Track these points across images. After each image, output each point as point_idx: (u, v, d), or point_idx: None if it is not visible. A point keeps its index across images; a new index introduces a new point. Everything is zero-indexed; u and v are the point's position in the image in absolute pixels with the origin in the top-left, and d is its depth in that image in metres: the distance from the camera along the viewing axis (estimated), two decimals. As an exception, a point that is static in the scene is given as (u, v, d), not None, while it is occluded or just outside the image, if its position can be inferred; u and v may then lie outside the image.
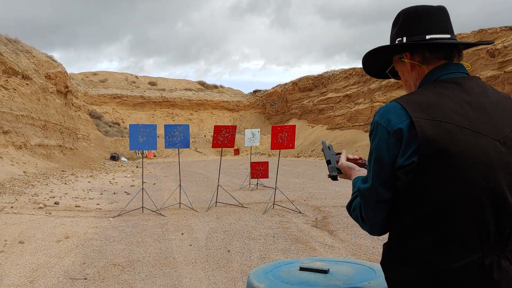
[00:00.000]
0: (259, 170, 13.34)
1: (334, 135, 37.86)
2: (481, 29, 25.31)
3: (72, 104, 35.29)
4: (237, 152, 29.61)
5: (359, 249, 6.57)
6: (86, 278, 5.40)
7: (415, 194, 1.43)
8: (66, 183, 16.06)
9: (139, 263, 6.02)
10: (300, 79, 49.97)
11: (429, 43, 1.57)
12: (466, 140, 1.40)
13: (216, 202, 10.91)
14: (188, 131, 10.68)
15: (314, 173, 20.53)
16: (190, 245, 6.99)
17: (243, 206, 10.56)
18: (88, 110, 45.66)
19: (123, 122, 51.00)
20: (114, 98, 53.05)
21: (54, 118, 27.22)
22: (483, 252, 1.41)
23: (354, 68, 41.07)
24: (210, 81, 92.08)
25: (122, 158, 37.18)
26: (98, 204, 11.49)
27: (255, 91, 60.18)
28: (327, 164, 1.88)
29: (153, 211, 9.92)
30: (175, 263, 6.02)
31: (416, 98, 1.50)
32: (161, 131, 14.07)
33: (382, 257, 1.59)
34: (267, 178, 13.76)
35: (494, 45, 22.11)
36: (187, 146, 10.79)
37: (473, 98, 1.49)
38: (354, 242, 6.99)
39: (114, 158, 35.98)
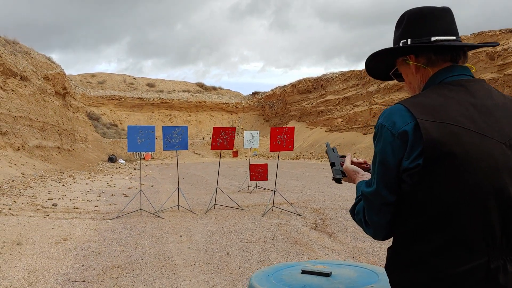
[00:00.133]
0: (258, 172, 13.32)
1: (333, 137, 37.87)
2: (481, 31, 25.36)
3: (70, 105, 35.25)
4: (235, 154, 29.56)
5: (359, 251, 6.55)
6: (84, 281, 5.37)
7: (420, 197, 1.41)
8: (64, 185, 16.02)
9: (138, 266, 5.98)
10: (299, 81, 50.02)
11: (434, 45, 1.56)
12: (471, 142, 1.39)
13: (214, 204, 10.87)
14: (186, 133, 10.66)
15: (313, 175, 20.51)
16: (189, 247, 6.96)
17: (242, 209, 10.53)
18: (86, 112, 45.64)
19: (121, 124, 50.95)
20: (112, 99, 53.02)
21: (52, 119, 27.17)
22: (489, 256, 1.40)
23: (353, 70, 41.10)
24: (209, 82, 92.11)
25: (120, 160, 37.14)
26: (96, 206, 11.45)
27: (254, 93, 60.21)
28: (331, 166, 1.85)
29: (151, 213, 9.89)
30: (174, 266, 5.99)
31: (421, 100, 1.48)
32: (158, 133, 14.00)
33: (387, 261, 1.57)
34: (266, 180, 13.73)
35: (493, 47, 22.16)
36: (186, 148, 10.77)
37: (478, 100, 1.48)
38: (354, 244, 6.96)
39: (112, 160, 35.95)
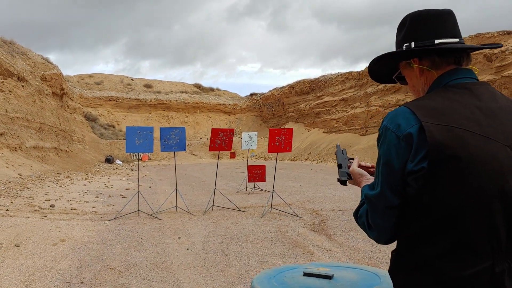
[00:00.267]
0: (256, 174, 13.30)
1: (330, 139, 37.88)
2: (478, 33, 25.41)
3: (67, 106, 35.19)
4: (233, 155, 29.57)
5: (357, 253, 6.55)
6: (83, 282, 5.35)
7: (425, 200, 1.41)
8: (61, 186, 15.97)
9: (136, 267, 5.97)
10: (296, 83, 50.01)
11: (438, 48, 1.55)
12: (476, 145, 1.39)
13: (213, 205, 10.86)
14: (184, 134, 10.64)
15: (311, 176, 20.52)
16: (187, 249, 6.94)
17: (240, 210, 10.52)
18: (83, 113, 45.54)
19: (118, 125, 50.87)
20: (110, 100, 52.92)
21: (49, 120, 27.11)
22: (494, 259, 1.39)
23: (351, 72, 41.12)
24: (206, 83, 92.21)
25: (117, 161, 37.07)
26: (93, 207, 11.42)
27: (252, 94, 60.19)
28: (338, 168, 1.86)
29: (149, 215, 9.87)
30: (173, 267, 5.98)
31: (425, 103, 1.48)
32: (156, 134, 13.97)
33: (391, 264, 1.56)
34: (264, 181, 13.72)
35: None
36: (183, 149, 10.74)
37: (483, 104, 1.48)
38: (352, 246, 6.96)
39: (109, 160, 35.88)
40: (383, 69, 1.78)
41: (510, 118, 1.48)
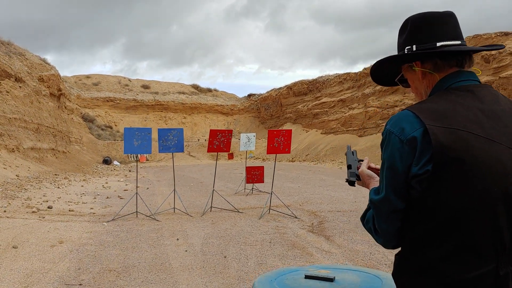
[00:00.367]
0: (255, 175, 13.29)
1: (328, 140, 37.91)
2: (476, 34, 25.47)
3: (65, 107, 35.13)
4: (231, 156, 29.54)
5: (356, 254, 6.54)
6: (81, 284, 5.33)
7: (429, 203, 1.40)
8: (59, 187, 15.94)
9: (135, 269, 5.95)
10: (294, 84, 50.04)
11: (440, 51, 1.55)
12: (480, 148, 1.38)
13: (211, 207, 10.84)
14: (182, 135, 10.62)
15: (309, 177, 20.51)
16: (186, 250, 6.92)
17: (239, 211, 10.50)
18: (80, 113, 45.48)
19: (116, 126, 50.83)
20: (107, 101, 52.88)
21: (47, 121, 27.06)
22: (498, 262, 1.39)
23: (348, 73, 41.16)
24: (204, 84, 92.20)
25: (115, 162, 37.02)
26: (91, 208, 11.40)
27: (250, 95, 60.19)
28: (348, 168, 1.85)
29: (147, 216, 9.84)
30: (171, 269, 5.96)
31: (429, 106, 1.47)
32: (154, 135, 13.96)
33: (394, 267, 1.55)
34: (263, 182, 13.70)
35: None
36: (181, 150, 10.72)
37: (486, 106, 1.47)
38: (351, 247, 6.95)
39: (106, 162, 35.82)
40: (385, 72, 1.77)
41: None
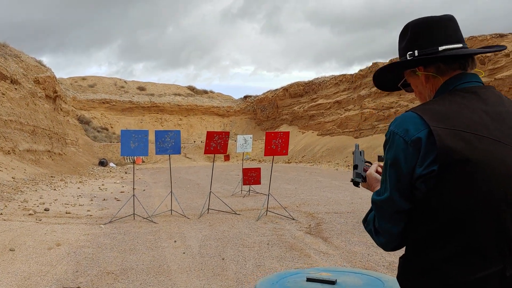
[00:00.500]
0: (251, 177, 13.29)
1: (324, 141, 37.95)
2: (471, 36, 25.55)
3: (60, 109, 35.02)
4: (227, 158, 29.44)
5: (354, 256, 6.55)
6: (79, 287, 5.31)
7: (433, 203, 1.40)
8: (55, 189, 15.89)
9: (133, 271, 5.94)
10: (290, 85, 50.06)
11: (443, 56, 1.56)
12: (485, 149, 1.39)
13: (208, 209, 10.83)
14: (179, 137, 10.61)
15: (306, 179, 20.52)
16: (184, 253, 6.92)
17: (236, 213, 10.49)
18: (76, 115, 45.38)
19: (112, 128, 50.71)
20: (103, 103, 52.75)
21: (42, 123, 26.98)
22: (504, 263, 1.39)
23: (344, 74, 41.23)
24: (200, 86, 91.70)
25: (111, 164, 36.94)
26: (88, 210, 11.37)
27: (246, 97, 60.16)
28: (354, 168, 1.85)
29: (144, 218, 9.82)
30: (169, 271, 5.95)
31: (433, 108, 1.48)
32: (150, 137, 13.93)
33: (398, 270, 1.55)
34: (260, 184, 13.70)
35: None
36: (178, 152, 10.72)
37: (490, 107, 1.48)
38: (349, 249, 6.96)
39: (102, 163, 35.74)
40: (388, 77, 1.78)
41: None
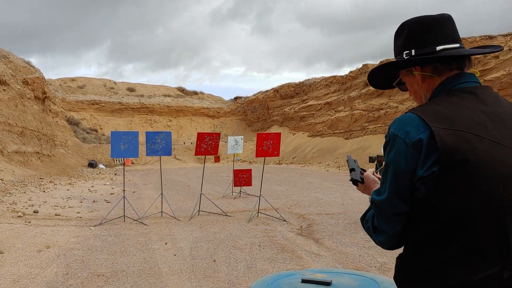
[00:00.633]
0: (242, 178, 13.26)
1: (315, 142, 38.00)
2: (461, 38, 25.72)
3: (49, 110, 34.74)
4: (217, 159, 29.42)
5: (346, 257, 6.55)
6: (69, 290, 5.26)
7: (433, 203, 1.40)
8: (44, 191, 15.74)
9: (124, 274, 5.89)
10: (281, 86, 50.07)
11: (440, 56, 1.55)
12: (485, 150, 1.39)
13: (199, 210, 10.78)
14: (170, 138, 10.56)
15: (297, 180, 20.53)
16: (175, 254, 6.88)
17: (227, 215, 10.46)
18: (65, 117, 45.04)
19: (101, 129, 50.40)
20: (92, 104, 52.42)
21: (31, 124, 26.74)
22: (503, 264, 1.39)
23: (335, 76, 41.33)
24: (190, 87, 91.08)
25: (100, 165, 36.71)
26: (78, 212, 11.27)
27: (236, 98, 60.09)
28: (351, 171, 1.85)
29: (135, 220, 9.76)
30: (160, 273, 5.91)
31: (432, 109, 1.47)
32: (139, 138, 13.86)
33: (396, 270, 1.55)
34: (251, 185, 13.67)
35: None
36: (169, 153, 10.67)
37: (489, 108, 1.48)
38: (340, 250, 6.97)
39: (92, 165, 35.51)
40: (383, 76, 1.77)
41: None
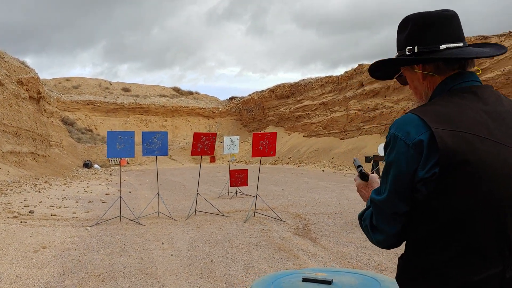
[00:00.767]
0: (238, 178, 13.26)
1: (310, 143, 38.04)
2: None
3: (44, 110, 34.60)
4: (213, 159, 29.38)
5: (343, 257, 6.56)
6: (66, 290, 5.24)
7: (434, 204, 1.39)
8: (40, 191, 15.68)
9: (121, 274, 5.88)
10: (277, 87, 50.10)
11: (444, 58, 1.53)
12: (486, 150, 1.37)
13: (195, 210, 10.77)
14: (166, 138, 10.54)
15: (293, 180, 20.54)
16: (172, 254, 6.87)
17: (223, 215, 10.45)
18: (60, 117, 44.87)
19: (96, 129, 50.28)
20: (87, 104, 52.27)
21: (26, 124, 26.64)
22: (504, 265, 1.38)
23: (330, 76, 41.41)
24: (185, 87, 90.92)
25: (95, 166, 36.61)
26: (74, 212, 11.23)
27: (232, 98, 60.07)
28: (358, 167, 1.86)
29: (131, 220, 9.74)
30: (158, 273, 5.90)
31: (433, 109, 1.46)
32: (135, 138, 13.84)
33: (398, 270, 1.54)
34: (247, 186, 13.67)
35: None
36: (166, 153, 10.64)
37: (490, 107, 1.46)
38: (337, 250, 6.97)
39: (87, 165, 35.40)
40: (385, 69, 1.75)
41: None
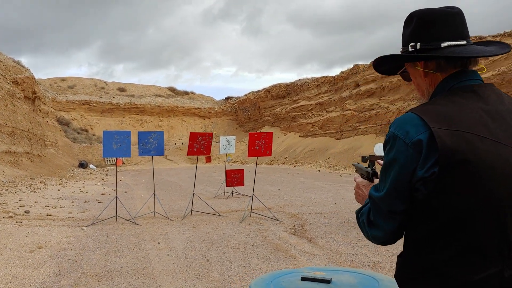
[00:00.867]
0: (235, 178, 13.25)
1: (306, 143, 38.08)
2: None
3: (40, 110, 34.48)
4: (208, 159, 29.29)
5: (339, 256, 6.56)
6: (62, 290, 5.22)
7: (434, 204, 1.39)
8: (35, 191, 15.63)
9: (117, 274, 5.86)
10: (272, 87, 50.13)
11: (445, 56, 1.52)
12: (486, 150, 1.37)
13: (191, 210, 10.76)
14: (162, 138, 10.52)
15: (289, 180, 20.56)
16: (168, 254, 6.86)
17: (220, 215, 10.45)
18: (56, 117, 44.75)
19: (92, 129, 50.18)
20: (83, 104, 52.17)
21: (21, 124, 26.54)
22: (504, 264, 1.38)
23: (326, 76, 41.49)
24: (181, 87, 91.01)
25: (91, 166, 36.53)
26: (70, 212, 11.20)
27: (227, 98, 60.07)
28: (367, 167, 1.84)
29: (127, 220, 9.72)
30: (154, 273, 5.89)
31: (433, 108, 1.45)
32: (132, 138, 13.83)
33: (397, 269, 1.54)
34: (243, 185, 13.66)
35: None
36: (162, 153, 10.63)
37: (491, 107, 1.46)
38: (334, 249, 6.98)
39: (82, 165, 35.33)
40: (389, 64, 1.74)
41: None
